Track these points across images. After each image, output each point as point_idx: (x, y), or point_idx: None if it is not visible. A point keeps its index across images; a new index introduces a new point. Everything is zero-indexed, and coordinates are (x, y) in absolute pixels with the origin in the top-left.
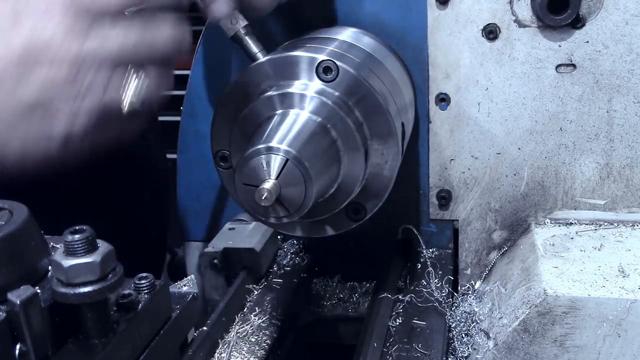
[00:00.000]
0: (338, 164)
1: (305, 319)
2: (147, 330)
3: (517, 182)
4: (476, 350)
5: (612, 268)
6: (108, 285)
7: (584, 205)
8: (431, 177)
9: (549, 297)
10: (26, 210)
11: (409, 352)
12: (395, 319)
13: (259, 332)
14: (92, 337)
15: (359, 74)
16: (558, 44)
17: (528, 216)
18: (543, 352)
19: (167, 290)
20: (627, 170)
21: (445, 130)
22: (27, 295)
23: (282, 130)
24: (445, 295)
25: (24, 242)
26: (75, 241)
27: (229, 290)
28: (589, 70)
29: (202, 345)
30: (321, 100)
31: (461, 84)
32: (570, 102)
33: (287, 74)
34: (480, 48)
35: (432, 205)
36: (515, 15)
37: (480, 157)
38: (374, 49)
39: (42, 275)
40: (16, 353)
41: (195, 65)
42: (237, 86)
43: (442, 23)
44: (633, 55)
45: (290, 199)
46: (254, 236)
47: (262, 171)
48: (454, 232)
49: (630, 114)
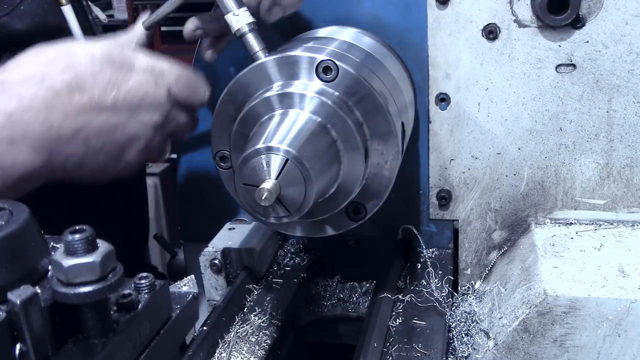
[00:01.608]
0: (338, 164)
1: (305, 319)
2: (147, 330)
3: (517, 182)
4: (476, 350)
5: (612, 268)
6: (108, 285)
7: (584, 205)
8: (431, 177)
9: (549, 297)
10: (26, 210)
11: (409, 352)
12: (395, 319)
13: (259, 332)
14: (92, 337)
15: (359, 74)
16: (558, 44)
17: (528, 216)
18: (543, 352)
19: (167, 290)
20: (627, 170)
21: (445, 130)
22: (27, 295)
23: (282, 130)
24: (445, 295)
25: (24, 242)
26: (75, 241)
27: (229, 290)
28: (589, 70)
29: (202, 345)
30: (321, 100)
31: (461, 84)
32: (570, 102)
33: (287, 74)
34: (480, 48)
35: (432, 205)
36: (515, 15)
37: (480, 157)
38: (374, 49)
39: (42, 275)
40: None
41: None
42: (237, 86)
43: (442, 23)
44: (633, 55)
45: (290, 199)
46: (254, 236)
47: (262, 171)
48: (454, 232)
49: (630, 114)
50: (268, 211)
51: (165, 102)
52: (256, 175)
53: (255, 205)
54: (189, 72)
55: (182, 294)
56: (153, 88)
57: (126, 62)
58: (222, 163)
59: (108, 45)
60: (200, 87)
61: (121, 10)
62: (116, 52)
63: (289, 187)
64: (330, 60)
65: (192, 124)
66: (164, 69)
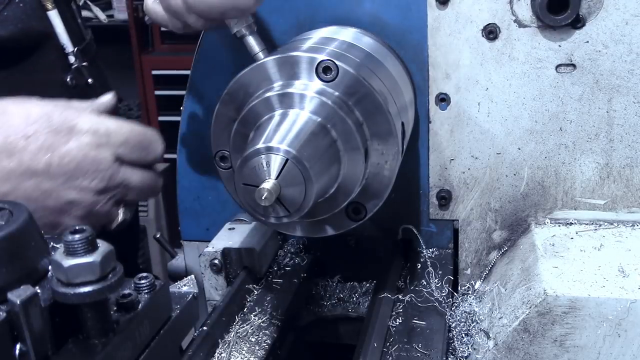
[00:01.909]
0: (338, 164)
1: (305, 319)
2: (147, 330)
3: (517, 182)
4: (476, 350)
5: (612, 268)
6: (108, 285)
7: (584, 205)
8: (431, 177)
9: (549, 297)
10: (26, 210)
11: (409, 352)
12: (395, 319)
13: (259, 332)
14: (92, 337)
15: (359, 74)
16: (558, 44)
17: (528, 216)
18: (543, 352)
19: (167, 290)
20: (627, 170)
21: (445, 130)
22: (27, 295)
23: (282, 130)
24: (445, 295)
25: (24, 242)
26: (75, 241)
27: (229, 290)
28: (589, 70)
29: (202, 345)
30: (321, 100)
31: (461, 84)
32: (570, 102)
33: (287, 74)
34: (480, 48)
35: (432, 205)
36: (515, 15)
37: (480, 157)
38: (374, 49)
39: (42, 275)
40: (16, 353)
41: (195, 65)
42: (237, 86)
43: (442, 23)
44: (633, 55)
45: (290, 199)
46: (254, 236)
47: (262, 171)
48: (454, 232)
49: (630, 114)
50: (268, 211)
51: (110, 165)
52: (256, 175)
53: (255, 205)
54: (140, 130)
55: (182, 294)
56: (94, 151)
57: (66, 124)
58: (222, 163)
59: (49, 106)
60: (152, 144)
61: (121, 10)
62: (56, 114)
63: (289, 187)
64: (330, 60)
65: (150, 184)
66: (110, 130)
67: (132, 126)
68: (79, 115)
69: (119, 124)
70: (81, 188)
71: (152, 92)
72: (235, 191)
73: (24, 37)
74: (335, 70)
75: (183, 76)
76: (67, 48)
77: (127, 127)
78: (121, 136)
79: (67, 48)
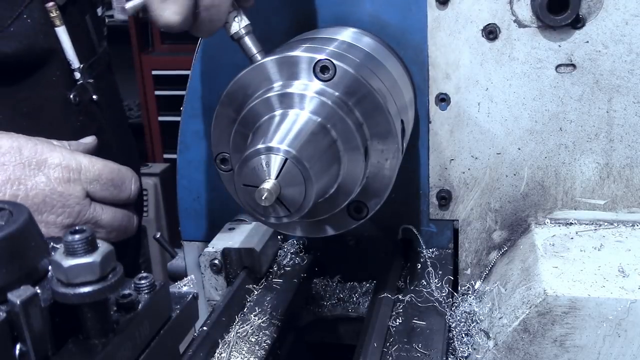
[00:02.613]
0: (338, 163)
1: (305, 319)
2: (147, 330)
3: (517, 182)
4: (476, 350)
5: (612, 268)
6: (108, 285)
7: (584, 205)
8: (431, 177)
9: (549, 297)
10: (26, 210)
11: (409, 352)
12: (395, 319)
13: (259, 332)
14: (92, 337)
15: (358, 74)
16: (558, 44)
17: (528, 216)
18: (543, 352)
19: (167, 290)
20: (627, 170)
21: (445, 130)
22: (27, 295)
23: (282, 130)
24: (445, 295)
25: (24, 242)
26: (75, 241)
27: (229, 290)
28: (588, 70)
29: (202, 345)
30: (321, 100)
31: (461, 84)
32: (570, 102)
33: (287, 74)
34: (480, 48)
35: (432, 205)
36: (515, 15)
37: (480, 157)
38: (374, 49)
39: (42, 275)
40: (16, 353)
41: (195, 65)
42: (236, 87)
43: (442, 23)
44: (633, 55)
45: (290, 199)
46: (254, 236)
47: (262, 171)
48: (454, 232)
49: (630, 114)
50: (268, 211)
51: (79, 202)
52: (256, 175)
53: (255, 205)
54: (114, 167)
55: (182, 294)
56: (63, 186)
57: (36, 158)
58: (223, 165)
59: (21, 139)
60: (126, 182)
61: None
62: (27, 147)
63: (289, 187)
64: (328, 60)
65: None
66: (82, 166)
67: (106, 163)
68: (51, 150)
69: (92, 160)
70: (47, 222)
71: (152, 92)
72: (235, 192)
73: (27, 54)
74: (333, 69)
75: (183, 76)
76: (73, 64)
77: (100, 163)
78: (93, 172)
79: (73, 64)
